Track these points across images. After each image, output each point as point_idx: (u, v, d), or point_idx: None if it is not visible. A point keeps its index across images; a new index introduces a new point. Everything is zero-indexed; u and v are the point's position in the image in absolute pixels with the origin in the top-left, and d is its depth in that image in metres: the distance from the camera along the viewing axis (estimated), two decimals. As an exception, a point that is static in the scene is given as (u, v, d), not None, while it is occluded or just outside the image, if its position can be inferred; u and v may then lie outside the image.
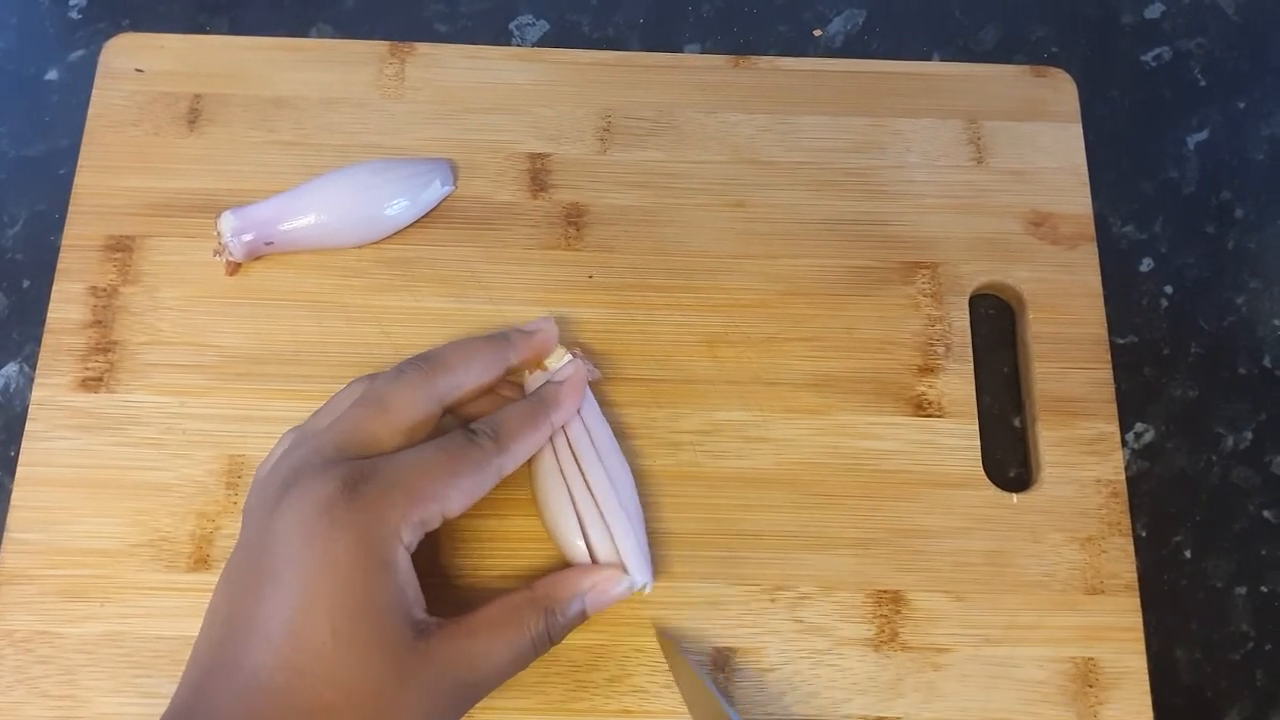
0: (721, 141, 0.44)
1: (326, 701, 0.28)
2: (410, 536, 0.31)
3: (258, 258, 0.41)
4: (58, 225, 0.42)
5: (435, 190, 0.42)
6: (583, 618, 0.34)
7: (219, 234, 0.40)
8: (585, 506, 0.35)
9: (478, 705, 0.31)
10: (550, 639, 0.33)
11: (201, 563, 0.37)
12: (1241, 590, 0.40)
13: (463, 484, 0.32)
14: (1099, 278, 0.42)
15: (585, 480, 0.35)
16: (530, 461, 0.36)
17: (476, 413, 0.35)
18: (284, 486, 0.31)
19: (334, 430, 0.32)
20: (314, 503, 0.30)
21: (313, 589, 0.29)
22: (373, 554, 0.30)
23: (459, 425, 0.34)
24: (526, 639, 0.32)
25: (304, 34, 0.47)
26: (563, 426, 0.36)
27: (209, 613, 0.31)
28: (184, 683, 0.30)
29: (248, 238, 0.40)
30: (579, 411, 0.36)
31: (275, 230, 0.40)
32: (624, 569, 0.34)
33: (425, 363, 0.34)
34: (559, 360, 0.37)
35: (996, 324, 0.43)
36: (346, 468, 0.31)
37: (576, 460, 0.36)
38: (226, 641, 0.29)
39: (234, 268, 0.41)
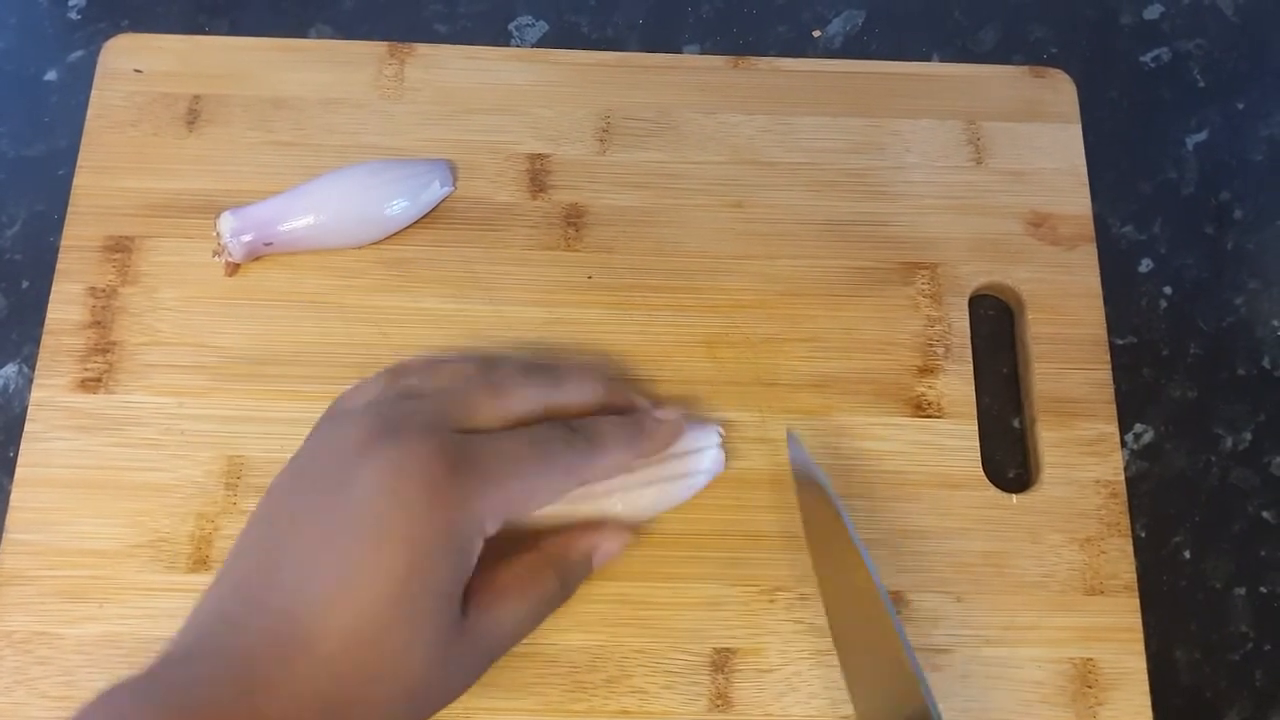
0: (721, 142, 0.44)
1: (373, 673, 0.28)
2: (493, 528, 0.31)
3: (257, 258, 0.41)
4: (57, 226, 0.42)
5: (434, 191, 0.41)
6: (589, 572, 0.35)
7: (218, 234, 0.40)
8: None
9: (477, 708, 0.31)
10: (564, 594, 0.34)
11: (201, 563, 0.37)
12: (1240, 591, 0.40)
13: (552, 485, 0.33)
14: (1098, 278, 0.42)
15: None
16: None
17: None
18: (383, 432, 0.30)
19: (442, 396, 0.32)
20: (415, 468, 0.29)
21: (389, 559, 0.28)
22: (457, 539, 0.29)
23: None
24: (545, 597, 0.33)
25: (303, 35, 0.47)
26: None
27: (259, 519, 0.31)
28: (223, 612, 0.29)
29: (247, 238, 0.40)
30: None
31: (274, 231, 0.40)
32: (626, 525, 0.36)
33: (551, 380, 0.34)
34: (706, 440, 0.37)
35: (996, 325, 0.43)
36: (453, 441, 0.30)
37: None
38: (269, 577, 0.29)
39: (233, 268, 0.41)
